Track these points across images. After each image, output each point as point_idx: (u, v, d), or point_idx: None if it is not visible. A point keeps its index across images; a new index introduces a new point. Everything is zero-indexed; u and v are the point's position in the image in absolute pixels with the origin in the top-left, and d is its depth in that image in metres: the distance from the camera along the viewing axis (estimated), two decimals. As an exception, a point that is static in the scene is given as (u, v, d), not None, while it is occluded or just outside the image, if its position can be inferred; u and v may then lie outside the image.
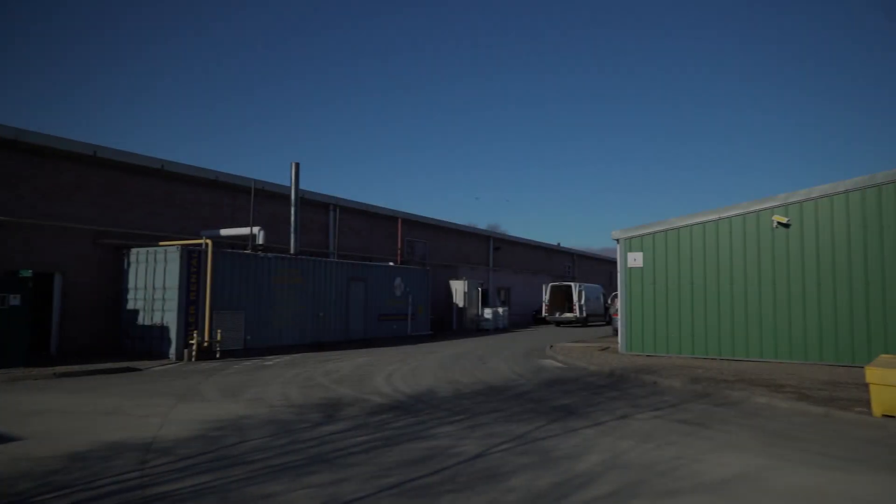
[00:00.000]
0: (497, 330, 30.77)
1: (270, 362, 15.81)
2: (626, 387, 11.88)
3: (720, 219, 16.27)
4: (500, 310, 31.99)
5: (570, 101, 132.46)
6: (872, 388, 8.69)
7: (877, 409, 8.67)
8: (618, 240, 17.70)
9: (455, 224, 34.15)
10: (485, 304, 32.41)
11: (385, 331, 23.88)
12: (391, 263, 25.58)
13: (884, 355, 9.77)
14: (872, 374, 8.66)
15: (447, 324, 30.36)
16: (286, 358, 16.87)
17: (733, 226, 16.12)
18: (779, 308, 15.38)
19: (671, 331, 16.60)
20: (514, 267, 39.77)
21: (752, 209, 15.90)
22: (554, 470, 6.12)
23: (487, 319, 30.89)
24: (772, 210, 15.67)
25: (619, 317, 17.94)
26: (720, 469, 6.23)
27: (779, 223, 15.49)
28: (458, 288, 30.84)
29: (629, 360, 15.62)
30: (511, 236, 41.03)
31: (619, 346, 17.48)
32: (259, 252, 19.20)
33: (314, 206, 25.12)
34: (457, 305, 30.85)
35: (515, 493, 5.39)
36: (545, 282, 38.22)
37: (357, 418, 8.67)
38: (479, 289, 31.65)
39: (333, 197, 26.17)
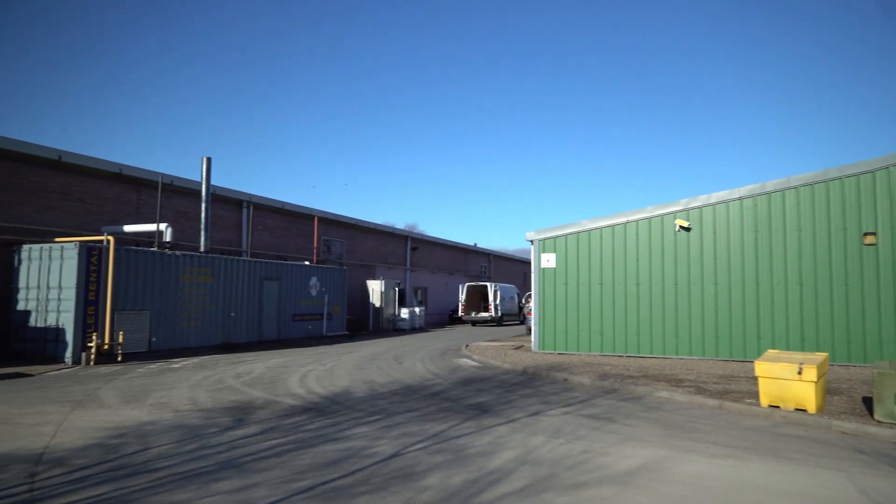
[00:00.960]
0: (414, 330, 30.85)
1: (177, 365, 15.13)
2: (539, 384, 12.22)
3: (628, 222, 17.03)
4: (417, 309, 32.09)
5: (488, 103, 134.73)
6: (760, 381, 9.37)
7: (764, 400, 9.35)
8: (532, 241, 18.17)
9: (373, 224, 33.95)
10: (402, 303, 32.39)
11: (300, 331, 23.43)
12: (307, 262, 25.10)
13: (771, 350, 10.53)
14: (760, 368, 9.34)
15: (363, 324, 30.14)
16: (195, 360, 16.21)
17: (640, 229, 16.92)
18: (680, 307, 16.29)
19: (581, 329, 17.23)
20: (431, 267, 40.00)
21: (656, 213, 16.75)
22: (468, 467, 6.22)
23: (404, 319, 30.91)
24: (675, 214, 16.57)
25: (532, 316, 18.42)
26: (624, 461, 6.53)
27: (681, 227, 16.39)
28: (375, 288, 30.67)
29: (542, 359, 16.07)
30: (429, 236, 41.24)
31: (533, 344, 17.94)
32: (166, 250, 18.34)
33: (227, 202, 24.28)
34: (373, 305, 30.69)
35: (430, 491, 5.44)
36: (462, 282, 38.70)
37: (269, 421, 8.47)
38: (396, 288, 31.61)
39: (247, 194, 25.39)
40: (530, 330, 19.37)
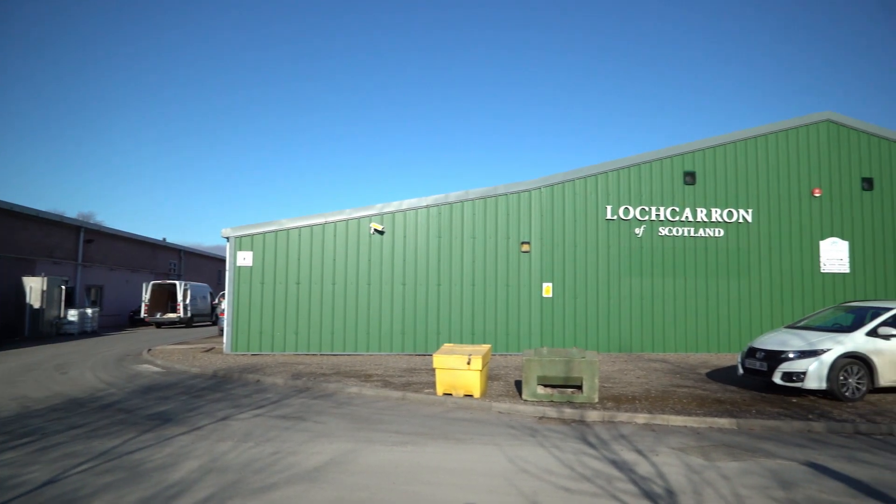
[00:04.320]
0: (85, 334, 26.99)
1: None
2: (230, 387, 11.76)
3: (326, 223, 17.43)
4: (90, 311, 28.14)
5: (182, 97, 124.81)
6: (437, 372, 10.45)
7: (440, 389, 10.45)
8: (228, 238, 17.40)
9: (35, 210, 28.72)
10: (70, 304, 28.07)
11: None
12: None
13: (447, 344, 11.83)
14: (437, 360, 10.42)
15: (18, 329, 25.33)
16: None
17: (338, 230, 17.45)
18: (372, 306, 17.25)
19: (277, 329, 17.07)
20: (110, 263, 35.43)
21: (353, 216, 17.48)
22: (144, 484, 5.71)
23: (72, 322, 26.82)
24: (370, 218, 17.49)
25: (225, 316, 17.61)
26: (314, 457, 6.68)
27: (375, 230, 17.37)
28: (35, 286, 26.00)
29: (234, 361, 15.49)
30: (108, 228, 36.42)
31: (225, 346, 17.17)
32: None
33: None
34: (31, 306, 25.97)
35: (95, 516, 4.86)
36: (147, 279, 35.09)
37: None
38: (63, 287, 27.27)
39: None
40: (223, 331, 18.49)
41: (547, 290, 17.54)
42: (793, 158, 18.69)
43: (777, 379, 10.38)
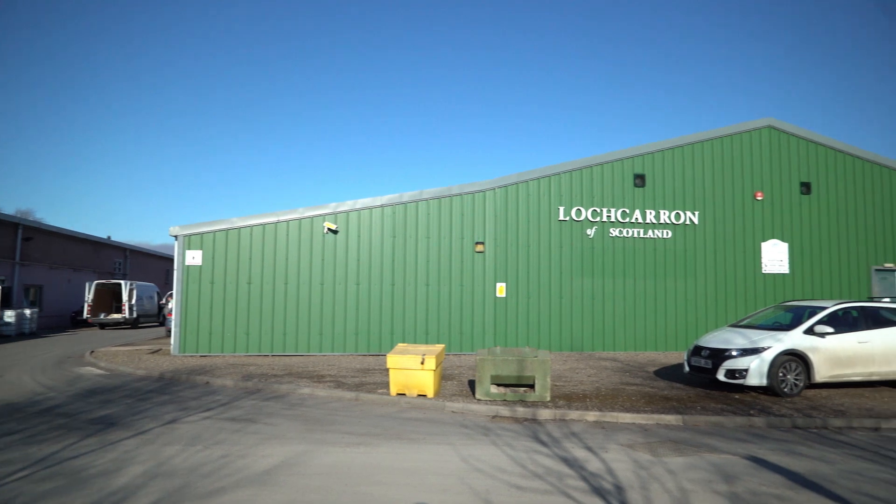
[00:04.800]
0: (23, 335, 25.89)
1: None
2: (177, 390, 11.46)
3: (279, 221, 17.16)
4: (28, 311, 26.99)
5: (129, 90, 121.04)
6: (391, 372, 10.42)
7: (393, 389, 10.43)
8: (177, 236, 16.94)
9: (-34, 206, 27.37)
10: (7, 305, 26.88)
11: None
12: None
13: (401, 344, 11.80)
14: (391, 360, 10.38)
15: (-53, 331, 24.10)
16: None
17: (290, 229, 17.20)
18: (325, 306, 17.07)
19: (227, 330, 16.71)
20: (50, 261, 34.06)
21: (307, 215, 17.25)
22: (85, 490, 5.52)
23: (9, 324, 25.67)
24: (324, 217, 17.30)
25: (173, 317, 17.15)
26: (264, 460, 6.58)
27: (329, 229, 17.20)
28: (-33, 286, 24.82)
29: (182, 362, 15.10)
30: (48, 226, 35.00)
31: (173, 347, 16.71)
32: None
33: None
34: (-37, 308, 24.78)
35: (33, 525, 4.67)
36: (90, 279, 33.86)
37: None
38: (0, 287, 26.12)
39: None
40: (171, 332, 18.00)
41: (500, 289, 17.70)
42: (737, 163, 19.35)
43: (721, 376, 10.74)
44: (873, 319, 11.39)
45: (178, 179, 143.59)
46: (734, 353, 10.72)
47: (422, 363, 10.15)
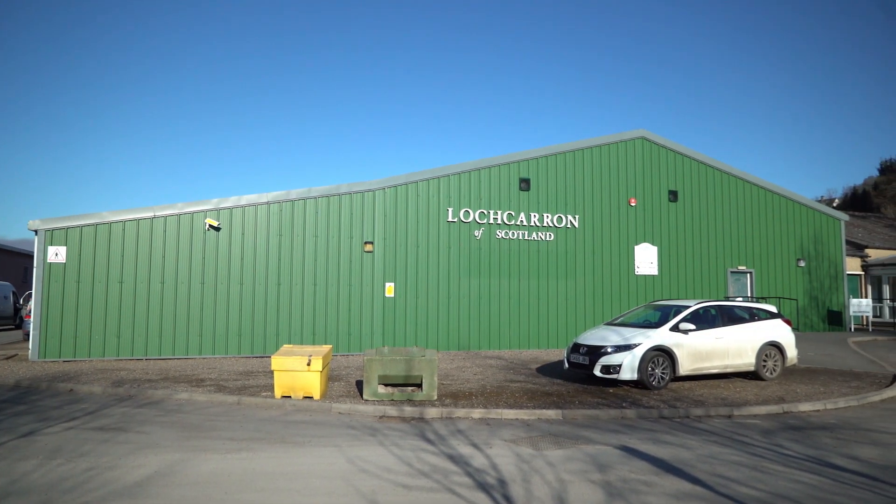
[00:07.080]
0: None
1: None
2: (36, 398, 10.50)
3: (155, 217, 16.15)
4: None
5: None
6: (276, 374, 10.13)
7: (278, 392, 10.15)
8: (37, 231, 15.48)
9: None
10: None
11: None
12: None
13: (286, 345, 11.49)
14: (276, 362, 10.10)
15: None
16: None
17: (168, 225, 16.24)
18: (206, 306, 16.27)
19: (96, 333, 15.50)
20: None
21: (186, 210, 16.36)
22: (-78, 515, 4.94)
23: None
24: (205, 213, 16.48)
25: (32, 319, 15.65)
26: (136, 471, 6.19)
27: (211, 226, 16.40)
28: None
29: (43, 368, 13.84)
30: None
31: (31, 352, 15.25)
32: None
33: None
34: None
35: None
36: (-70, 277, 30.21)
37: None
38: None
39: None
40: (29, 335, 16.42)
41: (389, 289, 17.70)
42: (614, 170, 20.59)
43: (597, 371, 11.37)
44: (728, 317, 12.58)
45: (42, 170, 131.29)
46: (609, 350, 11.39)
47: (308, 364, 9.95)
